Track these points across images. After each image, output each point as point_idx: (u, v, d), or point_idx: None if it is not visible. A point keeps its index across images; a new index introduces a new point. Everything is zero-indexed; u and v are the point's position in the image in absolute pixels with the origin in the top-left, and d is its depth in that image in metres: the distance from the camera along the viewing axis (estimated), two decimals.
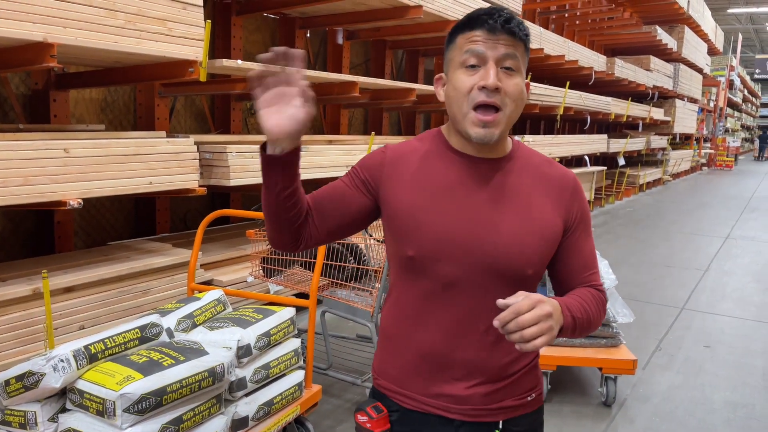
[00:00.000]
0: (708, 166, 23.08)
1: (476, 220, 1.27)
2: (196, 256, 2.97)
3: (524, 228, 1.27)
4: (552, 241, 1.30)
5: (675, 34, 14.75)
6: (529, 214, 1.29)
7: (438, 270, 1.27)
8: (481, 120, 1.23)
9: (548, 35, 8.31)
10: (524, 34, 1.24)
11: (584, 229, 1.35)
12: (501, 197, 1.29)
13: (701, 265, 6.85)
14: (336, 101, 5.97)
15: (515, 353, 1.31)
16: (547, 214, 1.30)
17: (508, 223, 1.27)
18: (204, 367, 2.10)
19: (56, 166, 2.88)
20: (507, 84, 1.23)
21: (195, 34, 3.41)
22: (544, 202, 1.31)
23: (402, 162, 1.34)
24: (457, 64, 1.26)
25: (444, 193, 1.29)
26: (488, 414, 1.32)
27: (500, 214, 1.28)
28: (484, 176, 1.30)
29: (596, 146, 10.66)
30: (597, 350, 3.36)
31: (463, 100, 1.24)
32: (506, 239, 1.26)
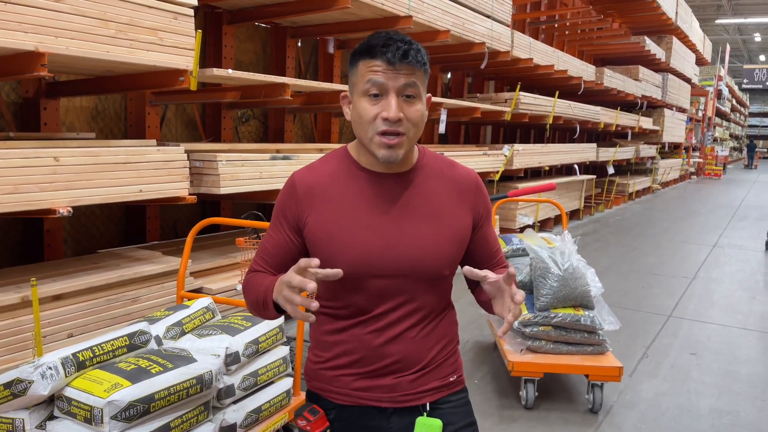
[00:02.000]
0: (697, 175, 23.27)
1: (392, 234, 1.37)
2: (186, 264, 2.98)
3: (437, 234, 1.39)
4: (463, 240, 1.44)
5: (663, 44, 14.91)
6: (439, 219, 1.40)
7: (367, 285, 1.37)
8: (386, 143, 1.32)
9: (537, 45, 8.39)
10: (422, 63, 1.33)
11: (488, 220, 1.50)
12: (412, 208, 1.39)
13: (689, 273, 6.91)
14: (327, 110, 6.01)
15: (439, 344, 1.46)
16: (456, 216, 1.42)
17: (422, 231, 1.38)
18: (192, 375, 2.12)
19: (46, 174, 2.89)
20: (408, 111, 1.32)
21: (186, 44, 3.44)
22: (452, 205, 1.43)
23: (314, 190, 1.41)
24: (360, 91, 1.34)
25: (359, 213, 1.38)
26: (415, 398, 1.43)
27: (413, 223, 1.38)
28: (394, 191, 1.40)
29: (586, 155, 10.75)
30: (583, 357, 3.40)
31: (368, 126, 1.33)
32: (421, 247, 1.37)
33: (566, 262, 3.48)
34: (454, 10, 6.14)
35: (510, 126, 11.15)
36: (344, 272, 1.28)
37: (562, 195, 9.50)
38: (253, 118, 6.10)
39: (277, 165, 4.21)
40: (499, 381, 3.72)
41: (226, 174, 3.83)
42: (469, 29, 6.46)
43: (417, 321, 1.40)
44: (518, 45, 7.74)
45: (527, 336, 3.43)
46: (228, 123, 5.56)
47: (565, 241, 3.77)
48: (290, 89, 4.30)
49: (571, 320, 3.36)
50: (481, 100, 7.95)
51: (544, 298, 3.40)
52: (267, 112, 6.18)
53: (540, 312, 3.40)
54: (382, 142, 1.32)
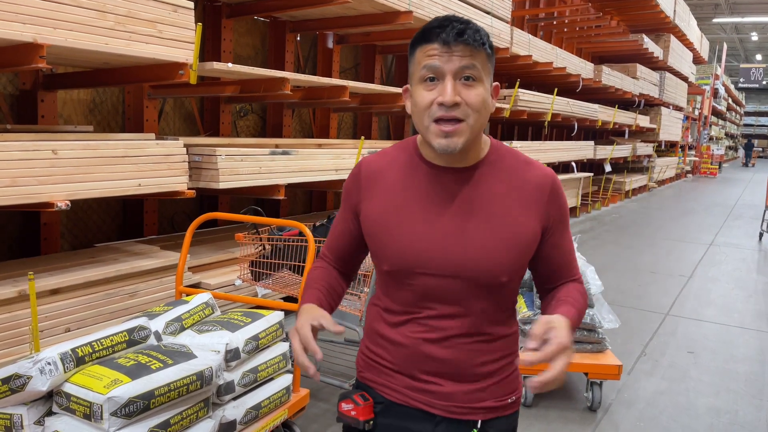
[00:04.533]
0: (692, 174, 23.33)
1: (445, 233, 1.28)
2: (185, 259, 2.96)
3: (494, 237, 1.27)
4: (528, 246, 1.31)
5: (661, 42, 14.91)
6: (500, 221, 1.28)
7: (413, 282, 1.31)
8: (442, 131, 1.22)
9: (537, 42, 8.38)
10: (480, 42, 1.22)
11: (563, 227, 1.36)
12: (470, 207, 1.29)
13: (686, 272, 6.93)
14: (326, 105, 5.98)
15: (495, 356, 1.34)
16: (521, 219, 1.29)
17: (477, 233, 1.28)
18: (192, 371, 2.10)
19: (44, 167, 2.86)
20: (467, 95, 1.21)
21: (186, 37, 3.41)
22: (518, 208, 1.30)
23: (377, 177, 1.37)
24: (417, 78, 1.26)
25: (413, 207, 1.31)
26: (469, 412, 1.33)
27: (469, 223, 1.28)
28: (454, 187, 1.31)
29: (583, 153, 10.75)
30: (583, 355, 3.39)
31: (424, 114, 1.24)
32: (475, 250, 1.27)
33: None
34: (454, 6, 6.11)
35: (508, 123, 11.14)
36: (391, 267, 1.28)
37: None
38: (251, 112, 6.06)
39: (277, 160, 4.19)
40: None
41: (226, 169, 3.81)
42: None
43: (470, 327, 1.30)
44: (517, 42, 7.72)
45: (527, 334, 3.43)
46: (226, 117, 5.52)
47: None
48: (290, 84, 4.27)
49: None
50: None
51: None
52: (265, 107, 6.15)
53: (539, 309, 3.39)
54: (438, 130, 1.22)
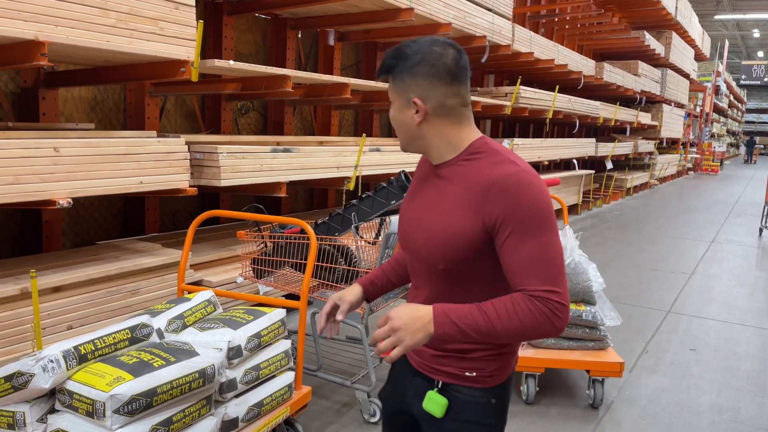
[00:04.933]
0: (694, 171, 23.30)
1: (414, 219, 1.51)
2: (187, 256, 2.96)
3: (438, 229, 1.42)
4: (463, 241, 1.38)
5: (663, 39, 14.88)
6: (444, 216, 1.41)
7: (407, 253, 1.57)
8: None
9: (538, 39, 8.36)
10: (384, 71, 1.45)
11: (516, 230, 1.32)
12: (431, 199, 1.48)
13: (687, 269, 6.92)
14: (327, 102, 5.98)
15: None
16: (459, 216, 1.38)
17: (429, 223, 1.45)
18: (194, 368, 2.10)
19: (46, 165, 2.86)
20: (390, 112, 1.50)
21: (187, 34, 3.41)
22: (461, 205, 1.39)
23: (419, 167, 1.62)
24: None
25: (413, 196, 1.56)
26: (432, 372, 1.53)
27: (429, 215, 1.46)
28: (430, 182, 1.51)
29: (585, 150, 10.74)
30: (585, 353, 3.39)
31: None
32: (424, 238, 1.45)
33: (568, 258, 3.47)
34: (455, 2, 6.10)
35: (509, 120, 11.12)
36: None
37: (560, 190, 9.50)
38: (252, 110, 6.06)
39: (278, 158, 4.18)
40: None
41: (227, 166, 3.81)
42: (471, 22, 6.42)
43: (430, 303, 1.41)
44: (519, 39, 7.71)
45: None
46: (228, 115, 5.52)
47: (566, 237, 3.76)
48: (291, 81, 4.27)
49: (573, 315, 3.36)
50: (481, 94, 7.92)
51: None
52: (267, 105, 6.14)
53: None
54: None
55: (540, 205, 1.33)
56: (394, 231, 3.03)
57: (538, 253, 1.31)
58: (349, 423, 3.09)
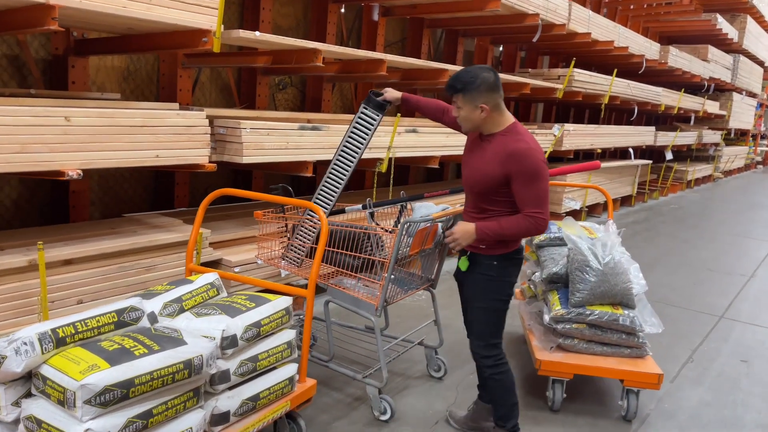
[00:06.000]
0: (763, 165, 22.02)
1: (469, 162, 2.61)
2: (196, 235, 2.83)
3: (479, 170, 2.53)
4: (491, 180, 2.47)
5: (736, 23, 13.95)
6: (485, 164, 2.50)
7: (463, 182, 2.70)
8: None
9: (597, 19, 7.88)
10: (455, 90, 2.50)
11: (521, 181, 2.41)
12: (481, 154, 2.54)
13: (746, 271, 6.44)
14: (364, 79, 5.75)
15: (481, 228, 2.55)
16: (492, 166, 2.46)
17: (477, 168, 2.54)
18: (180, 359, 1.96)
19: (56, 134, 2.77)
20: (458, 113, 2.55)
21: (210, 2, 3.24)
22: (492, 160, 2.47)
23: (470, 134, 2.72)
24: None
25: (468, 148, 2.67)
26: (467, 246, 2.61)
27: (477, 161, 2.55)
28: (480, 143, 2.58)
29: (643, 138, 10.17)
30: (619, 360, 3.12)
31: None
32: (473, 173, 2.57)
33: (607, 256, 3.18)
34: None
35: (563, 105, 10.64)
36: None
37: (613, 180, 9.02)
38: (290, 85, 5.91)
39: (305, 135, 4.01)
40: (525, 377, 3.48)
41: (250, 142, 3.66)
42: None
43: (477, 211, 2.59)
44: (576, 18, 7.27)
45: (559, 333, 3.17)
46: (263, 90, 5.37)
47: (608, 232, 3.46)
48: (324, 56, 4.07)
49: (608, 319, 3.08)
50: (532, 76, 7.54)
51: (580, 293, 3.12)
52: (305, 80, 5.98)
53: (574, 308, 3.13)
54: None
55: (536, 167, 2.41)
56: (413, 219, 2.82)
57: (533, 193, 2.42)
58: (358, 419, 2.93)
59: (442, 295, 3.31)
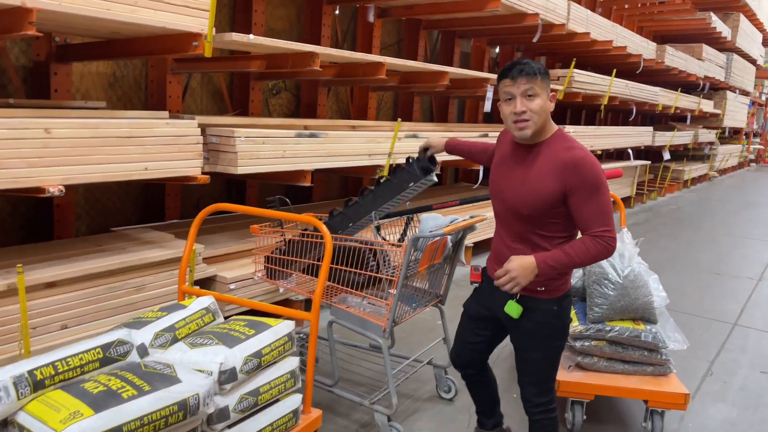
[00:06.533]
0: (757, 162, 22.01)
1: (508, 180, 2.21)
2: (188, 255, 2.63)
3: (528, 187, 2.12)
4: (546, 198, 2.08)
5: (729, 21, 13.86)
6: (534, 179, 2.11)
7: (494, 206, 2.29)
8: (517, 126, 2.12)
9: (595, 18, 7.73)
10: (534, 72, 2.07)
11: (583, 195, 2.05)
12: (523, 168, 2.16)
13: (754, 274, 6.29)
14: (362, 83, 5.57)
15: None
16: (546, 181, 2.08)
17: (521, 182, 2.15)
18: (173, 400, 1.76)
19: (35, 148, 2.55)
20: (530, 105, 2.08)
21: (200, 4, 3.04)
22: (547, 174, 2.09)
23: (500, 144, 2.34)
24: (501, 100, 2.14)
25: (503, 163, 2.26)
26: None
27: (522, 178, 2.15)
28: (521, 156, 2.19)
29: (641, 139, 10.04)
30: (642, 379, 2.93)
31: (507, 120, 2.14)
32: (518, 193, 2.15)
33: (626, 268, 3.00)
34: None
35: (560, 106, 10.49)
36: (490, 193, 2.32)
37: (613, 181, 8.87)
38: (284, 90, 5.70)
39: (303, 143, 3.81)
40: None
41: (245, 152, 3.46)
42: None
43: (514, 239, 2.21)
44: (574, 18, 7.11)
45: (577, 351, 2.98)
46: (257, 95, 5.17)
47: (624, 242, 3.28)
48: (320, 59, 3.88)
49: (630, 336, 2.90)
50: None
51: (599, 308, 2.94)
52: (299, 85, 5.78)
53: (593, 324, 2.95)
54: (516, 126, 2.11)
55: (598, 177, 2.05)
56: (423, 234, 2.62)
57: (594, 211, 2.06)
58: None
59: (448, 306, 3.11)
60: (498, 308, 2.25)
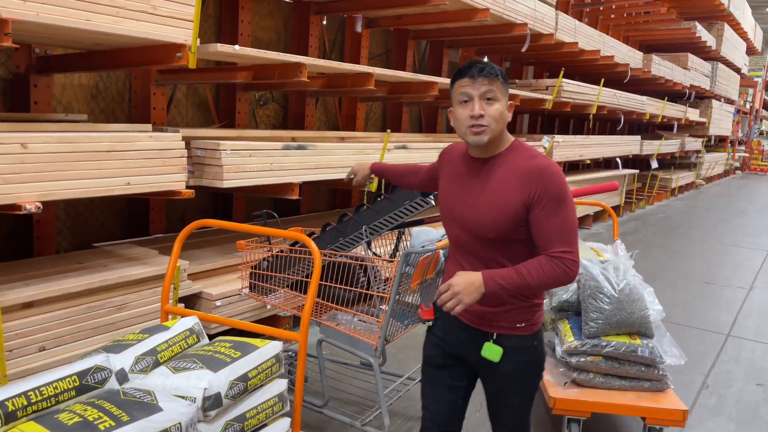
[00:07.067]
0: (742, 170, 22.19)
1: (464, 200, 1.93)
2: (172, 273, 2.53)
3: (489, 203, 1.87)
4: (511, 214, 1.83)
5: (714, 31, 13.99)
6: (495, 193, 1.86)
7: (450, 232, 2.01)
8: (473, 131, 1.85)
9: (583, 28, 7.74)
10: (495, 74, 1.84)
11: (545, 208, 1.80)
12: (483, 183, 1.91)
13: (745, 283, 6.27)
14: (350, 94, 5.51)
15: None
16: (508, 196, 1.83)
17: (482, 202, 1.89)
18: (154, 430, 1.66)
19: (10, 163, 2.46)
20: (488, 109, 1.84)
21: (184, 14, 2.97)
22: (510, 187, 1.84)
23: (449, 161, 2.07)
24: (456, 102, 1.90)
25: (456, 182, 1.98)
26: (487, 326, 1.94)
27: (480, 193, 1.90)
28: (476, 170, 1.94)
29: (629, 148, 10.06)
30: (639, 395, 2.87)
31: (462, 124, 1.88)
32: (477, 211, 1.89)
33: (621, 281, 2.95)
34: None
35: (549, 116, 10.50)
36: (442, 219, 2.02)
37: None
38: (272, 101, 5.63)
39: (290, 155, 3.74)
40: (537, 414, 3.21)
41: (231, 165, 3.38)
42: (511, 8, 5.87)
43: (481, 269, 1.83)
44: (563, 28, 7.11)
45: (573, 367, 2.91)
46: (243, 106, 5.09)
47: (617, 254, 3.23)
48: (308, 70, 3.81)
49: (626, 350, 2.84)
50: (519, 87, 7.36)
51: (594, 323, 2.87)
52: (287, 96, 5.71)
53: (589, 339, 2.88)
54: (471, 131, 1.85)
55: (563, 189, 1.81)
56: (414, 249, 2.55)
57: (558, 226, 1.80)
58: None
59: None
60: (469, 351, 1.95)
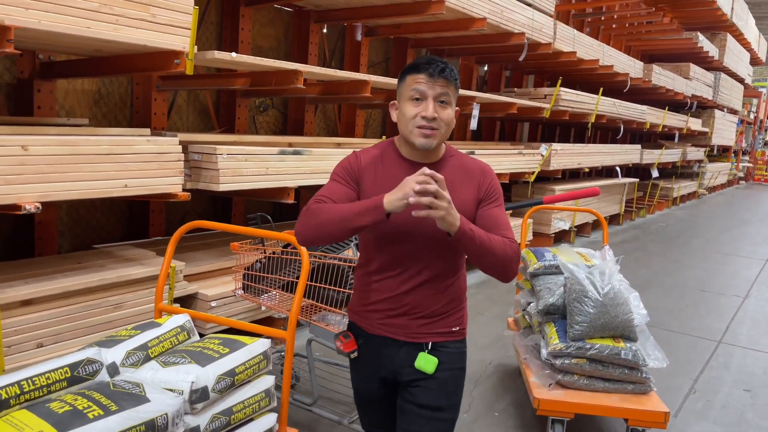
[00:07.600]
0: (746, 180, 22.18)
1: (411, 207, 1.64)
2: (166, 273, 2.61)
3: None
4: (470, 214, 1.78)
5: (717, 41, 14.04)
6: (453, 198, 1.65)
7: (393, 246, 1.80)
8: (423, 133, 1.74)
9: (582, 38, 7.82)
10: (454, 78, 1.76)
11: (494, 201, 1.83)
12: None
13: (740, 291, 6.31)
14: (347, 101, 5.60)
15: (447, 301, 1.84)
16: (464, 195, 1.79)
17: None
18: (141, 420, 1.74)
19: (11, 165, 2.54)
20: (441, 113, 1.74)
21: (182, 22, 3.06)
22: (463, 187, 1.81)
23: (369, 167, 1.84)
24: (406, 97, 1.76)
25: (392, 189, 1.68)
26: (421, 337, 1.83)
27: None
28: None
29: (629, 157, 10.11)
30: (623, 397, 2.92)
31: (410, 122, 1.75)
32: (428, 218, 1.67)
33: (606, 285, 3.00)
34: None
35: (549, 124, 10.57)
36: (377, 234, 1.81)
37: (601, 199, 8.90)
38: (272, 107, 5.72)
39: (287, 160, 3.82)
40: (522, 415, 3.27)
41: (227, 169, 3.46)
42: (508, 18, 5.95)
43: (428, 279, 1.80)
44: (561, 37, 7.19)
45: (557, 369, 2.97)
46: (243, 112, 5.18)
47: (605, 259, 3.29)
48: (304, 77, 3.90)
49: (610, 353, 2.90)
50: (518, 95, 7.43)
51: (579, 326, 2.93)
52: (287, 102, 5.80)
53: (573, 342, 2.94)
54: (420, 133, 1.74)
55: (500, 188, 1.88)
56: None
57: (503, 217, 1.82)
58: None
59: None
60: (405, 367, 1.82)
